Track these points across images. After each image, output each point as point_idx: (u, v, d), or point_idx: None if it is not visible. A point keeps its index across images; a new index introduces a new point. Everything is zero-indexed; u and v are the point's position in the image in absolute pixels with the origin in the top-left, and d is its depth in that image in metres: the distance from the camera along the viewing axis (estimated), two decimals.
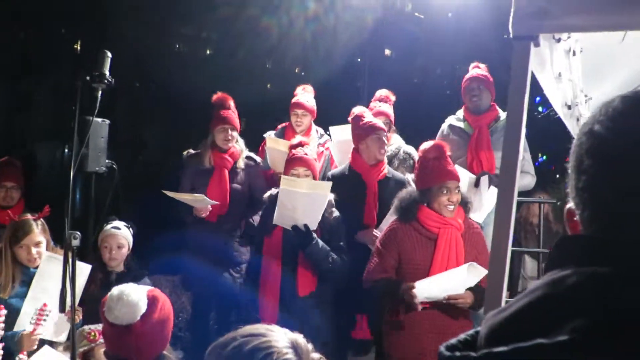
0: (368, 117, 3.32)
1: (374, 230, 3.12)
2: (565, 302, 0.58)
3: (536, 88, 1.79)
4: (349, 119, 3.48)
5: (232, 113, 3.49)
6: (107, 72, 2.36)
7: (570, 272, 0.60)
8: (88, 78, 2.31)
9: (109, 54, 2.38)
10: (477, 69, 3.53)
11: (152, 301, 1.78)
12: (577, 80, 2.06)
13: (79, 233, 2.23)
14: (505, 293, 1.33)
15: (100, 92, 2.36)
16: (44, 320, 2.56)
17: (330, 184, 2.99)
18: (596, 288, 0.58)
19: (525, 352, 0.55)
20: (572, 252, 0.64)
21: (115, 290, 1.80)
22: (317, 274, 2.99)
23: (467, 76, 3.55)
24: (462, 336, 0.65)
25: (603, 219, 0.65)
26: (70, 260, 2.25)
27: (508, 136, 1.35)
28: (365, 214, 3.20)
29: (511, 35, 1.28)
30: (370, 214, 3.17)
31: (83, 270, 2.60)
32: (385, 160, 3.31)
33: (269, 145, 3.62)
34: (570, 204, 0.69)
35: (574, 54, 1.85)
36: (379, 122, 3.33)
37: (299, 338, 1.01)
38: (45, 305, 2.57)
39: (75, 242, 2.21)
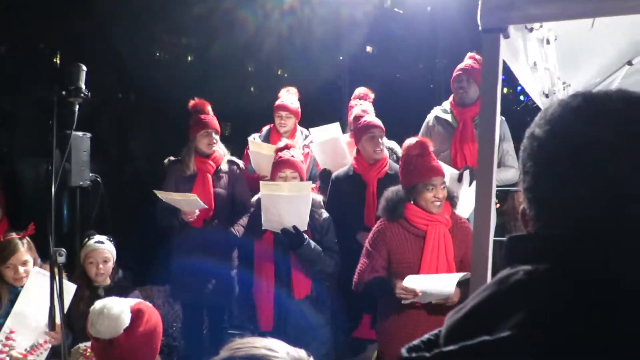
0: (365, 116, 3.27)
1: None
2: (508, 299, 0.61)
3: (516, 78, 1.80)
4: (350, 119, 3.44)
5: (213, 117, 3.47)
6: (83, 86, 2.34)
7: (516, 270, 0.63)
8: (64, 92, 2.28)
9: (84, 67, 2.36)
10: (471, 60, 3.43)
11: (136, 314, 1.77)
12: (554, 69, 2.07)
13: (64, 250, 2.22)
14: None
15: (77, 106, 2.33)
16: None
17: (310, 183, 2.97)
18: (535, 285, 0.61)
19: (471, 349, 0.57)
20: (518, 250, 0.67)
21: (98, 304, 1.79)
22: (312, 275, 2.98)
23: (459, 66, 3.46)
24: (425, 336, 0.67)
25: (545, 217, 0.68)
26: (57, 277, 2.24)
27: (483, 128, 1.36)
28: (365, 214, 3.19)
29: (480, 28, 1.29)
30: (369, 215, 3.14)
31: (69, 289, 2.57)
32: (387, 157, 3.25)
33: (251, 150, 3.60)
34: (524, 204, 0.72)
35: (547, 42, 1.86)
36: (375, 120, 3.25)
37: (302, 354, 0.98)
38: (12, 332, 2.51)
39: (61, 259, 2.19)
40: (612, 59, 2.57)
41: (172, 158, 3.56)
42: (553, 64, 2.01)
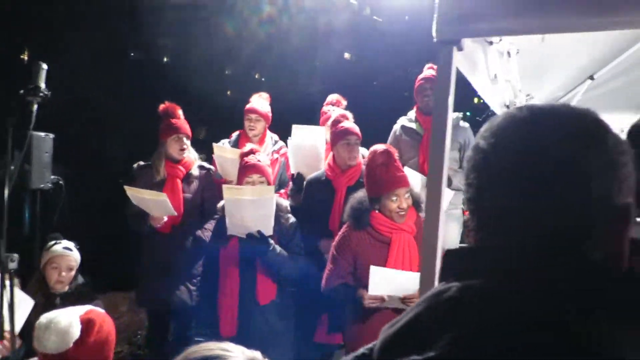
0: (344, 122, 3.25)
1: None
2: (439, 317, 0.60)
3: None
4: (328, 123, 3.42)
5: (184, 122, 3.42)
6: (42, 85, 2.27)
7: (450, 285, 0.63)
8: (22, 91, 2.22)
9: (44, 66, 2.29)
10: (431, 70, 3.56)
11: (86, 325, 1.71)
12: (515, 81, 2.10)
13: (16, 255, 2.14)
14: None
15: (36, 106, 2.27)
16: None
17: (272, 187, 2.94)
18: (464, 303, 0.60)
19: None
20: (453, 264, 0.67)
21: (44, 318, 1.72)
22: (277, 281, 2.95)
23: (420, 76, 3.58)
24: (360, 350, 0.67)
25: (485, 228, 0.67)
26: (8, 284, 2.16)
27: (435, 137, 1.37)
28: (330, 221, 3.18)
29: (434, 40, 1.30)
30: (334, 222, 3.13)
31: (27, 303, 2.47)
32: (361, 165, 3.22)
33: (216, 154, 3.54)
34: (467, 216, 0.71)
35: (509, 55, 1.89)
36: (353, 127, 3.23)
37: (257, 355, 0.98)
38: None
39: (13, 265, 2.11)
40: (574, 73, 2.62)
41: (141, 163, 3.48)
42: (514, 77, 2.04)
